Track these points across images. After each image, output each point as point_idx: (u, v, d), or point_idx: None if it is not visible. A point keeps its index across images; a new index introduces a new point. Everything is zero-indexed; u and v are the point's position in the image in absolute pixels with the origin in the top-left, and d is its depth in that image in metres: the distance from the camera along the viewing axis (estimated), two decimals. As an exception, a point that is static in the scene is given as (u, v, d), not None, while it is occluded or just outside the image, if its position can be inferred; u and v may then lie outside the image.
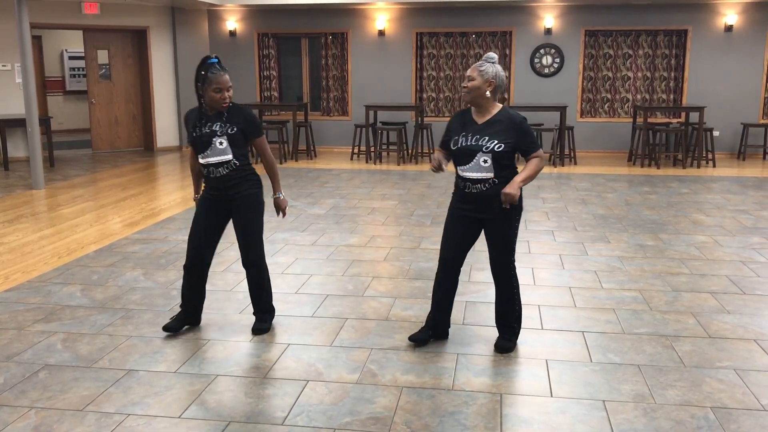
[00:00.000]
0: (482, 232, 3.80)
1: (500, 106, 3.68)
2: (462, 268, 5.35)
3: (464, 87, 3.64)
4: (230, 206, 3.99)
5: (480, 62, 3.64)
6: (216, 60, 3.86)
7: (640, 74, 12.15)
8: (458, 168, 3.69)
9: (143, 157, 12.03)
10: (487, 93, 3.60)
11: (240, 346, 3.94)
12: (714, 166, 10.89)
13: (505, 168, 3.62)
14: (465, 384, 3.47)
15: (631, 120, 11.96)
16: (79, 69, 15.81)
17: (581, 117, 12.31)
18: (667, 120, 12.05)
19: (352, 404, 3.26)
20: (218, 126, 3.86)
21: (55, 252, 5.89)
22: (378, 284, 5.03)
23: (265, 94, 13.13)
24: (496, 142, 3.56)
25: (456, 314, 4.40)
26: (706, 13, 11.67)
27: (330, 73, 12.91)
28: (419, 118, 11.62)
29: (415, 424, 3.08)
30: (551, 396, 3.34)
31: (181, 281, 5.06)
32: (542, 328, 4.19)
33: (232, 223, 4.06)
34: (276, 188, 4.10)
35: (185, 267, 4.06)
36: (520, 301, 3.88)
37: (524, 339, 4.03)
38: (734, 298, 4.74)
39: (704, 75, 11.86)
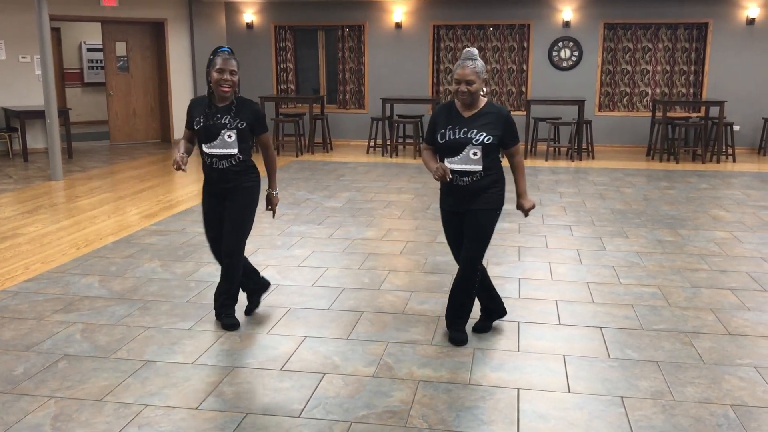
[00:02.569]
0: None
1: (485, 99, 3.72)
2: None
3: (464, 91, 3.58)
4: (226, 197, 3.97)
5: (469, 62, 3.58)
6: (227, 49, 3.84)
7: (659, 68, 12.02)
8: (446, 161, 3.69)
9: (160, 149, 12.09)
10: (483, 90, 3.66)
11: (257, 338, 3.95)
12: (734, 161, 10.76)
13: (492, 161, 3.68)
14: (482, 378, 3.45)
15: (650, 114, 11.85)
16: (97, 61, 15.90)
17: (599, 111, 12.21)
18: (686, 114, 11.92)
19: (369, 398, 3.26)
20: (228, 119, 3.85)
21: (73, 243, 5.94)
22: (394, 278, 5.02)
23: (282, 87, 13.14)
24: (485, 134, 3.61)
25: (472, 309, 4.38)
26: (728, 6, 11.52)
27: (347, 65, 12.89)
28: (436, 112, 11.55)
29: (431, 418, 3.08)
30: (569, 392, 3.32)
31: (199, 272, 5.09)
32: (560, 324, 4.17)
33: (224, 212, 4.00)
34: (272, 184, 4.10)
35: (217, 260, 4.13)
36: (474, 297, 3.92)
37: (542, 334, 4.01)
38: (755, 294, 4.69)
39: (725, 69, 11.71)
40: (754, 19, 11.43)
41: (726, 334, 4.01)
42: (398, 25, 12.43)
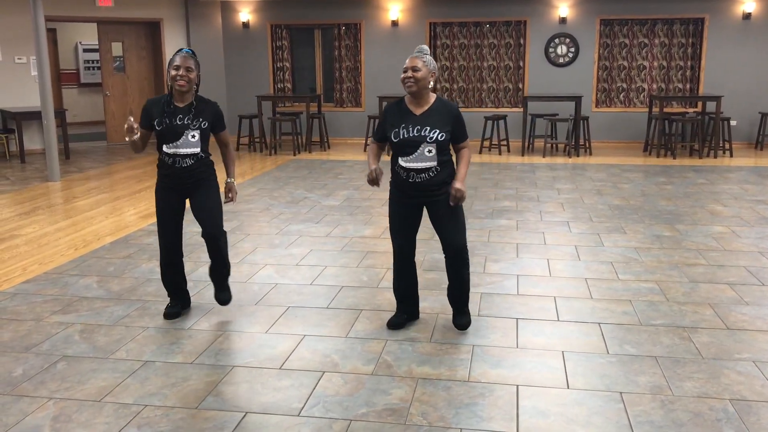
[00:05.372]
0: (423, 215, 3.91)
1: (434, 95, 3.81)
2: (473, 260, 5.34)
3: (410, 78, 3.68)
4: (187, 192, 4.09)
5: (419, 54, 3.77)
6: (188, 50, 3.93)
7: (656, 63, 12.03)
8: (401, 159, 3.77)
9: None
10: (430, 84, 3.74)
11: (255, 337, 3.95)
12: (731, 156, 10.78)
13: (445, 155, 3.76)
14: (481, 375, 3.46)
15: (647, 110, 11.86)
16: (93, 62, 15.87)
17: (596, 107, 12.21)
18: (683, 110, 11.93)
19: (368, 395, 3.26)
20: (189, 119, 3.95)
21: (71, 244, 5.93)
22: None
23: (279, 86, 13.12)
24: (438, 131, 3.69)
25: (472, 306, 4.39)
26: (724, 1, 11.52)
27: (343, 64, 12.88)
28: (433, 109, 11.56)
29: (431, 415, 3.08)
30: (568, 388, 3.33)
31: (197, 271, 5.08)
32: (558, 320, 4.17)
33: (191, 204, 4.11)
34: (230, 173, 4.21)
35: (163, 262, 4.18)
36: (469, 281, 4.02)
37: (541, 330, 4.01)
38: (753, 289, 4.69)
39: (721, 64, 11.72)
40: (750, 14, 11.44)
41: (724, 329, 4.02)
42: (395, 23, 12.42)
